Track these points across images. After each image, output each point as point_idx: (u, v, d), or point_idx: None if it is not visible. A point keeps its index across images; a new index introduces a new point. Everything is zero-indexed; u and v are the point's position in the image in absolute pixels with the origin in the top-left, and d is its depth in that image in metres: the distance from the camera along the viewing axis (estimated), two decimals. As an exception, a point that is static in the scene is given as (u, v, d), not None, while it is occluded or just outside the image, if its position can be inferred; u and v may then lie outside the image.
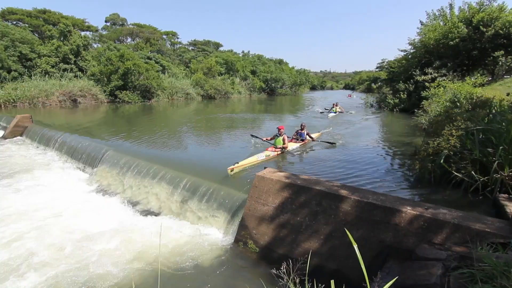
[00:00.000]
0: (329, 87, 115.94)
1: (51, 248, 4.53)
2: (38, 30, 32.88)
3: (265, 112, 22.65)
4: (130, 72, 26.62)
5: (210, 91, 35.28)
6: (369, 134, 11.51)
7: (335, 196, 4.08)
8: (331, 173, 6.30)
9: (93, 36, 40.34)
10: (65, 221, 5.42)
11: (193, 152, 8.69)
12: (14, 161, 9.54)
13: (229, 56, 45.47)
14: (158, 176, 6.58)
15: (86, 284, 3.72)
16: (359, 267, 3.74)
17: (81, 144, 9.57)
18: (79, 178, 8.03)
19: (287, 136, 8.38)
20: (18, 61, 25.08)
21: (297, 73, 57.28)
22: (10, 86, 22.59)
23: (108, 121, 16.89)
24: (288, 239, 4.27)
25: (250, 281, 3.94)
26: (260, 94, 45.94)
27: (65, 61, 27.55)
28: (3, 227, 5.13)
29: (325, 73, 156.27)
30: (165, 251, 4.46)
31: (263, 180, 4.78)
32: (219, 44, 58.03)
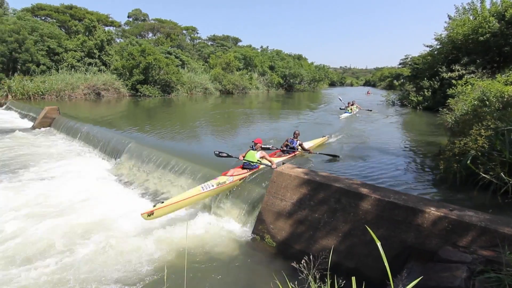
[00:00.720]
0: (349, 84, 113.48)
1: (80, 234, 4.76)
2: (65, 25, 34.16)
3: (282, 108, 22.53)
4: (151, 67, 27.22)
5: (228, 86, 35.49)
6: (390, 132, 11.22)
7: (355, 194, 4.02)
8: (350, 171, 6.21)
9: (116, 31, 41.53)
10: (92, 208, 5.67)
11: (210, 145, 8.79)
12: (42, 150, 10.03)
13: (248, 51, 45.44)
14: (177, 168, 6.73)
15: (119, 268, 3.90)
16: (378, 266, 3.70)
17: (105, 135, 9.93)
18: (103, 168, 8.34)
19: (268, 150, 6.94)
20: (46, 55, 26.22)
21: (316, 69, 56.47)
22: (39, 79, 23.71)
23: (129, 114, 17.39)
24: (306, 235, 4.27)
25: (268, 275, 3.97)
26: (278, 90, 45.70)
27: (90, 56, 28.52)
28: (35, 211, 5.46)
29: (345, 69, 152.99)
30: (185, 241, 4.58)
31: (281, 175, 4.78)
32: (238, 39, 58.10)
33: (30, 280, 3.63)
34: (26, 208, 5.56)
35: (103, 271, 3.84)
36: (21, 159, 8.89)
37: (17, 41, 23.22)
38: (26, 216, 5.25)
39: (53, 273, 3.79)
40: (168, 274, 3.63)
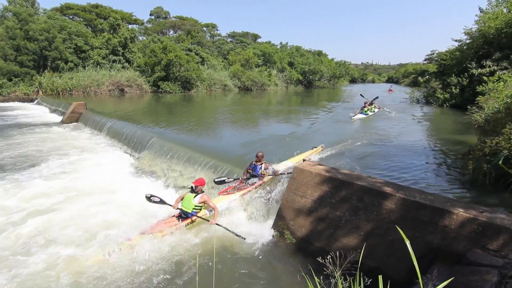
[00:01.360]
0: (370, 80, 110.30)
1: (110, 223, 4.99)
2: (91, 23, 35.42)
3: (301, 104, 22.29)
4: (172, 64, 27.74)
5: (247, 83, 35.56)
6: (415, 131, 10.84)
7: (378, 193, 3.94)
8: (372, 169, 6.07)
9: (139, 29, 42.55)
10: (119, 198, 5.94)
11: (229, 141, 8.89)
12: (71, 143, 10.53)
13: (267, 47, 45.22)
14: (198, 163, 6.86)
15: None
16: (402, 266, 3.62)
17: (129, 130, 10.26)
18: (127, 161, 8.66)
19: (223, 183, 5.56)
20: (74, 52, 27.33)
21: (337, 65, 55.34)
22: (67, 75, 24.80)
23: (151, 110, 17.85)
24: (326, 233, 4.23)
25: (288, 270, 3.99)
26: (297, 87, 45.25)
27: (114, 53, 29.45)
28: (64, 198, 5.90)
29: (367, 65, 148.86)
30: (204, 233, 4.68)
31: (302, 172, 4.76)
32: (257, 35, 57.91)
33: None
34: (68, 193, 6.05)
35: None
36: (53, 151, 9.38)
37: (47, 39, 24.35)
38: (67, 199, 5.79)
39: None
40: (198, 263, 3.78)
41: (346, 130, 10.76)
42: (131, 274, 3.79)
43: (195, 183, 4.85)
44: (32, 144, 10.12)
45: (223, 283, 3.68)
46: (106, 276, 3.75)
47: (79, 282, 3.64)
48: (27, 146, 9.89)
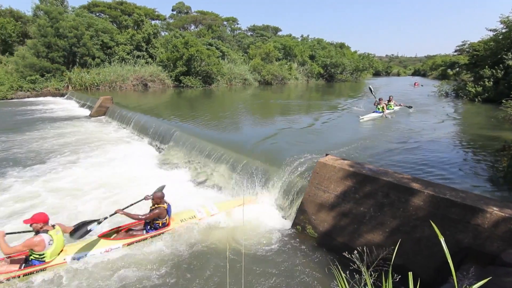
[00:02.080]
0: (395, 73, 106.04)
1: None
2: (116, 20, 36.48)
3: (322, 99, 21.88)
4: (193, 58, 28.09)
5: (267, 77, 35.37)
6: (444, 126, 10.35)
7: (405, 189, 3.82)
8: (398, 165, 5.87)
9: (161, 24, 43.33)
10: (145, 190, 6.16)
11: (249, 135, 8.88)
12: (99, 136, 11.02)
13: (288, 40, 44.61)
14: (219, 156, 6.96)
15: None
16: (430, 265, 3.51)
17: (153, 124, 10.56)
18: (151, 153, 8.96)
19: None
20: (100, 49, 28.33)
21: (360, 58, 53.66)
22: (94, 71, 25.80)
23: (173, 104, 18.23)
24: (350, 229, 4.17)
25: (310, 264, 3.98)
26: (318, 80, 44.44)
27: (138, 49, 30.23)
28: (97, 186, 6.29)
29: (392, 58, 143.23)
30: (230, 226, 4.77)
31: (325, 167, 4.70)
32: (278, 28, 57.28)
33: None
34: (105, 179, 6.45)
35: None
36: (83, 143, 9.87)
37: (76, 36, 25.39)
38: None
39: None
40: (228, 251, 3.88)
41: (366, 127, 10.46)
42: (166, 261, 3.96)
43: (26, 221, 3.70)
44: (64, 137, 10.71)
45: (249, 271, 3.75)
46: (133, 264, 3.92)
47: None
48: (60, 139, 10.48)
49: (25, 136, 10.83)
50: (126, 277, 3.65)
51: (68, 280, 3.58)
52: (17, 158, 8.26)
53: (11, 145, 9.57)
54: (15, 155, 8.58)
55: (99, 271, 3.76)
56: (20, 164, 7.75)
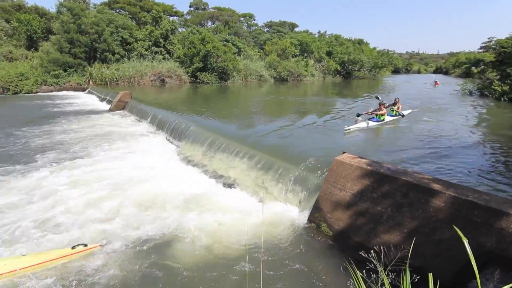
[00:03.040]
0: (416, 71, 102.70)
1: (153, 206, 5.33)
2: (136, 17, 37.19)
3: (338, 96, 21.52)
4: (209, 55, 28.28)
5: (282, 73, 35.15)
6: (467, 126, 9.96)
7: (425, 189, 3.71)
8: (417, 164, 5.71)
9: (179, 20, 43.79)
10: (160, 182, 6.36)
11: (265, 131, 8.87)
12: (118, 129, 11.33)
13: (304, 37, 44.09)
14: (235, 152, 6.99)
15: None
16: (449, 268, 3.41)
17: (169, 118, 10.74)
18: (167, 147, 9.14)
19: None
20: (120, 45, 29.00)
21: (379, 54, 52.41)
22: (114, 66, 26.48)
23: (190, 99, 18.45)
24: (366, 228, 4.11)
25: (324, 262, 3.96)
26: (335, 77, 43.75)
27: (156, 45, 30.73)
28: (119, 175, 6.56)
29: (412, 55, 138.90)
30: (245, 221, 4.80)
31: (342, 165, 4.63)
32: (294, 24, 56.73)
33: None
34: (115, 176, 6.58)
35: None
36: (104, 136, 10.20)
37: (97, 32, 26.09)
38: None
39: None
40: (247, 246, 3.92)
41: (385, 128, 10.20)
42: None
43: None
44: (86, 130, 11.11)
45: (267, 264, 3.79)
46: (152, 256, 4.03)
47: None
48: (82, 132, 10.88)
49: (50, 128, 11.31)
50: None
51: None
52: (44, 149, 8.65)
53: (37, 137, 10.03)
54: (43, 146, 8.99)
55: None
56: (45, 155, 8.11)
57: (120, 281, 3.54)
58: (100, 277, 3.58)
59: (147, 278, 3.62)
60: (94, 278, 3.56)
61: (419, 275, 2.64)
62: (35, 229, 4.53)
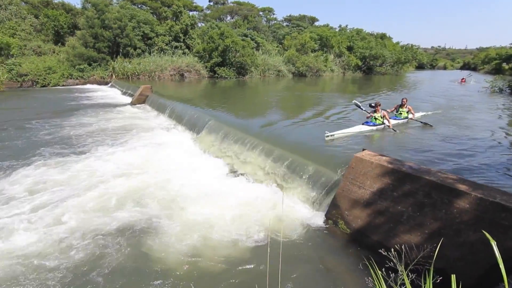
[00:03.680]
0: (441, 66, 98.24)
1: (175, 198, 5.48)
2: (157, 12, 37.75)
3: (359, 92, 21.01)
4: (228, 49, 28.36)
5: (301, 69, 34.70)
6: (496, 125, 9.47)
7: (449, 190, 3.58)
8: (439, 163, 5.50)
9: (198, 15, 44.09)
10: (180, 173, 6.60)
11: (282, 126, 8.82)
12: (139, 122, 11.66)
13: (325, 31, 43.21)
14: (252, 146, 7.02)
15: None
16: (472, 272, 3.30)
17: (188, 112, 10.92)
18: (186, 141, 9.31)
19: None
20: (141, 39, 29.60)
21: (402, 49, 50.58)
22: (135, 61, 27.10)
23: (208, 94, 18.64)
24: (385, 227, 4.03)
25: (342, 260, 3.93)
26: (355, 73, 42.70)
27: (176, 39, 31.13)
28: (144, 165, 6.94)
29: (438, 50, 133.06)
30: (258, 217, 4.83)
31: (361, 162, 4.55)
32: (314, 18, 55.72)
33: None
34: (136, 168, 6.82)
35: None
36: (125, 128, 10.56)
37: (120, 27, 26.75)
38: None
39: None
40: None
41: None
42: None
43: None
44: (110, 122, 11.58)
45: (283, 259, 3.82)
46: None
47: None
48: (107, 123, 11.37)
49: (76, 119, 11.87)
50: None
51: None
52: (71, 140, 9.09)
53: (64, 127, 10.54)
54: (70, 136, 9.46)
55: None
56: (72, 145, 8.52)
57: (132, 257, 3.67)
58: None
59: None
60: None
61: (439, 276, 2.57)
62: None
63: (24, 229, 4.36)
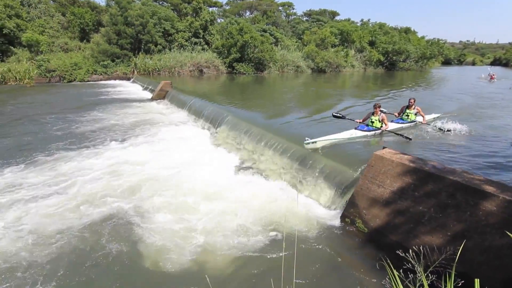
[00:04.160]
0: (470, 62, 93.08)
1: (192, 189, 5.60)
2: (177, 8, 38.24)
3: (381, 89, 20.40)
4: (247, 45, 28.32)
5: (320, 64, 34.10)
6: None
7: (475, 191, 3.42)
8: (463, 163, 5.25)
9: (218, 11, 44.25)
10: (198, 168, 6.75)
11: (299, 123, 8.74)
12: (159, 117, 11.93)
13: (346, 25, 42.11)
14: (268, 143, 7.01)
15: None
16: (497, 278, 3.16)
17: (207, 108, 11.04)
18: (205, 135, 9.51)
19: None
20: (162, 36, 30.12)
21: (427, 44, 48.50)
22: (156, 57, 27.65)
23: (226, 89, 18.75)
24: (405, 228, 3.91)
25: (358, 259, 3.87)
26: (377, 69, 41.41)
27: (196, 35, 31.44)
28: (163, 157, 7.25)
29: (466, 44, 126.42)
30: (273, 213, 4.83)
31: (382, 160, 4.43)
32: (335, 13, 54.41)
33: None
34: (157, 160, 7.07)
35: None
36: (146, 123, 10.87)
37: (142, 24, 27.33)
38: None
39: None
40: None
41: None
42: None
43: None
44: (131, 117, 11.96)
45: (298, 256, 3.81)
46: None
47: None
48: (130, 118, 11.76)
49: (101, 113, 12.37)
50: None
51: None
52: (95, 133, 9.50)
53: (90, 121, 11.03)
54: (96, 129, 9.93)
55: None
56: (98, 138, 8.94)
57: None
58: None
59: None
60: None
61: (461, 280, 2.47)
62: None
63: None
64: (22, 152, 7.58)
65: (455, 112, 10.31)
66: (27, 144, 8.35)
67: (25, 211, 4.77)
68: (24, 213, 4.73)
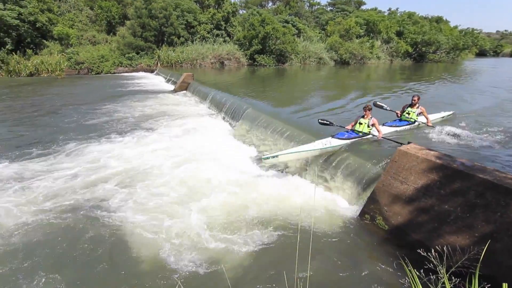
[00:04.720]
0: (507, 54, 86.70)
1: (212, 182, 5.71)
2: (199, 0, 38.40)
3: (406, 81, 19.51)
4: (268, 37, 28.01)
5: (344, 56, 33.11)
6: None
7: (507, 190, 3.22)
8: (502, 162, 4.93)
9: (240, 2, 43.96)
10: (220, 159, 6.88)
11: (319, 117, 8.56)
12: (181, 109, 12.17)
13: (372, 15, 40.45)
14: (288, 136, 6.95)
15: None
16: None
17: (227, 100, 11.11)
18: (225, 127, 9.62)
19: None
20: (185, 28, 30.42)
21: (460, 34, 45.67)
22: (179, 49, 28.05)
23: (247, 82, 18.72)
24: (428, 226, 3.77)
25: (377, 256, 3.78)
26: (404, 60, 39.58)
27: (218, 27, 31.49)
28: (184, 151, 7.36)
29: (504, 35, 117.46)
30: (294, 207, 4.81)
31: (406, 156, 4.26)
32: (361, 2, 52.39)
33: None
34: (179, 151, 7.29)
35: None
36: (168, 114, 11.14)
37: (165, 17, 27.73)
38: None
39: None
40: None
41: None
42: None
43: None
44: (154, 108, 12.30)
45: (314, 250, 3.80)
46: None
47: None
48: (153, 109, 12.11)
49: (128, 104, 12.88)
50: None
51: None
52: (122, 123, 9.91)
53: (117, 110, 11.54)
54: (124, 118, 10.41)
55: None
56: (126, 128, 9.37)
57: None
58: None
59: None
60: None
61: (488, 283, 2.35)
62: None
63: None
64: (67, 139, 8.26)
65: (473, 112, 9.06)
66: (67, 131, 8.96)
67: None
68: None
